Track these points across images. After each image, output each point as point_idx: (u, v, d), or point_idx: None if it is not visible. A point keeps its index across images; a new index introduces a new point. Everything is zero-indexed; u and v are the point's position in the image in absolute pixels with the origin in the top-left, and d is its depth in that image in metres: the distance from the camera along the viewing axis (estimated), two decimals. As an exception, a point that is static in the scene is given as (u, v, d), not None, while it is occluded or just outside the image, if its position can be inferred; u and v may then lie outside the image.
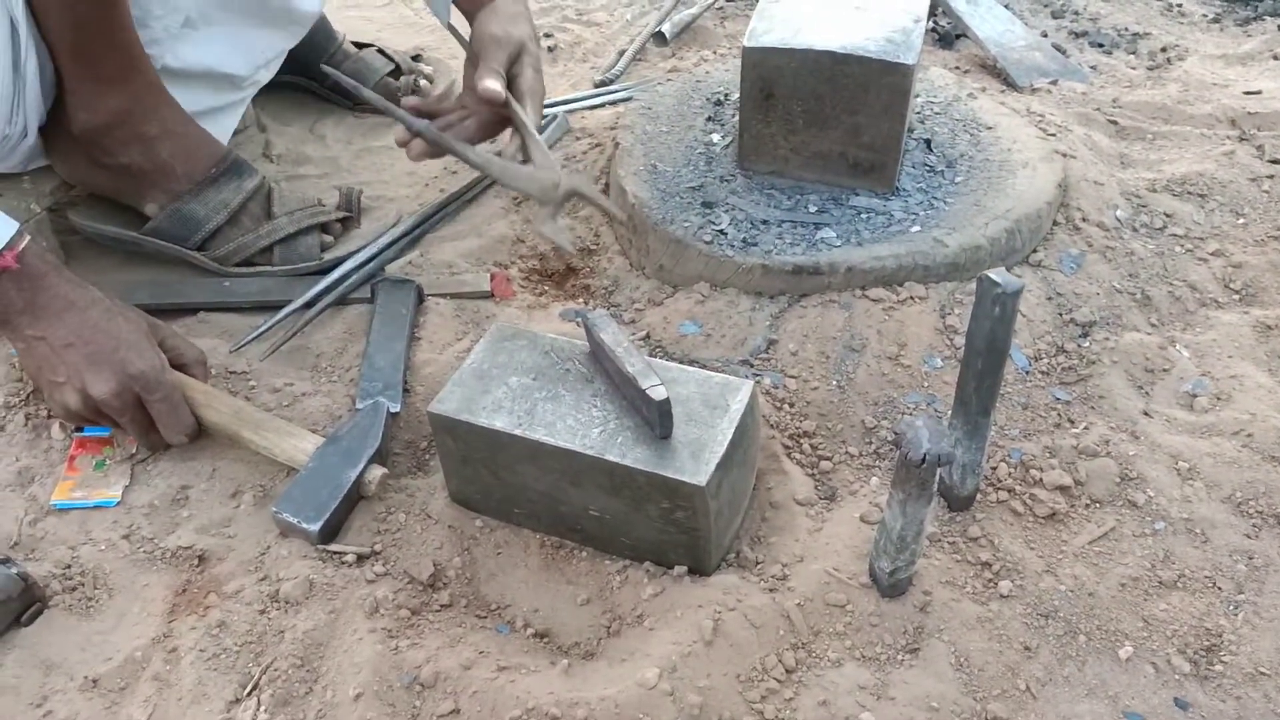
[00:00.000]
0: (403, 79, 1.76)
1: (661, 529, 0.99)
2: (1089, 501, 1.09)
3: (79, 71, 1.25)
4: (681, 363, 1.20)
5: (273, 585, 1.02)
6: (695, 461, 0.95)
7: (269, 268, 1.38)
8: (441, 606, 1.03)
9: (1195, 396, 1.20)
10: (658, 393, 0.95)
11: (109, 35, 1.24)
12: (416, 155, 1.24)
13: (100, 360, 1.09)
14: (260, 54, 1.50)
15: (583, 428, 0.99)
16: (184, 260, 1.38)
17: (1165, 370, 1.23)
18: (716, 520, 0.98)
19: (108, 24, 1.23)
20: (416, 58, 1.85)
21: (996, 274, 0.92)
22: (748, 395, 1.02)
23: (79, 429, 1.18)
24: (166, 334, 1.18)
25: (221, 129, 1.46)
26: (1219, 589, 1.00)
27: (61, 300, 1.10)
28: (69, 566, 1.05)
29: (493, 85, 1.22)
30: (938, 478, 0.88)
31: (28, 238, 1.09)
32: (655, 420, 0.96)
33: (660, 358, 1.23)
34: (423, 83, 1.79)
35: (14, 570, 1.00)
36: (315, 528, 1.05)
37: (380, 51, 1.78)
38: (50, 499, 1.12)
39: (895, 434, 1.16)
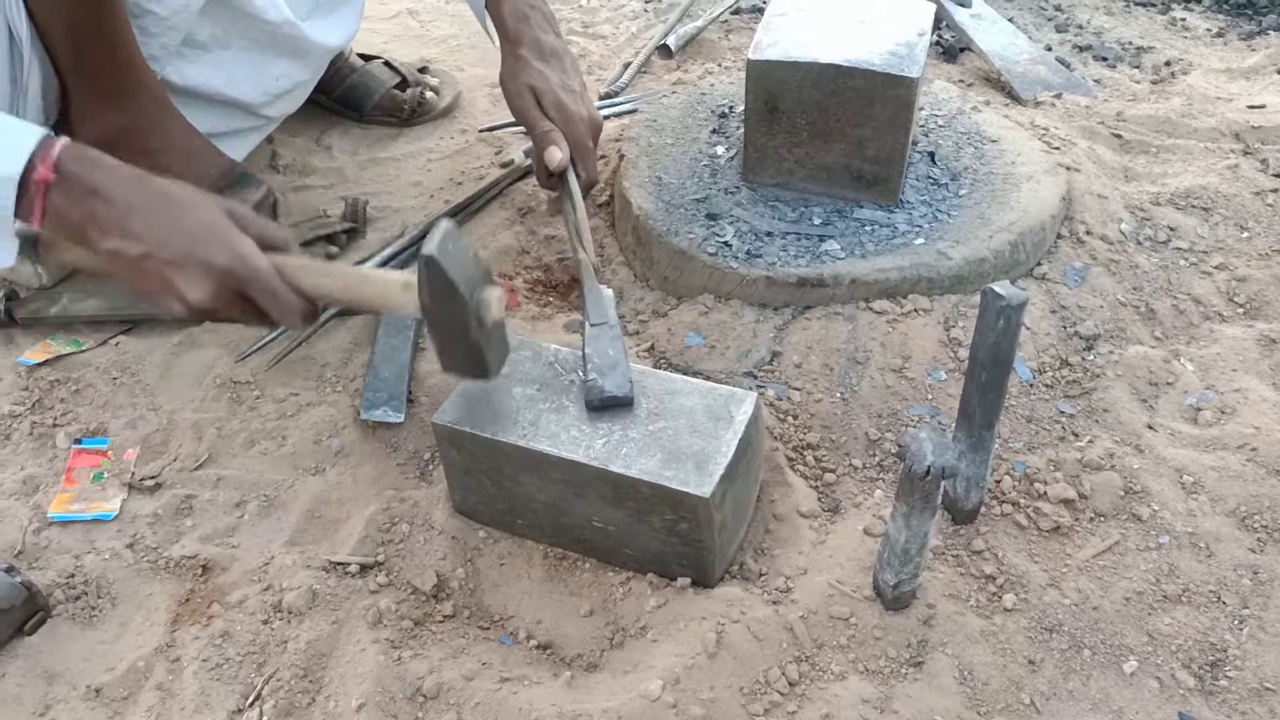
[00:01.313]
0: (409, 91, 1.76)
1: (665, 540, 0.99)
2: (1093, 515, 1.09)
3: (82, 86, 1.26)
4: (685, 374, 1.20)
5: (276, 595, 1.03)
6: (699, 473, 0.95)
7: (274, 278, 1.38)
8: (444, 617, 1.03)
9: (1199, 410, 1.20)
10: (616, 388, 1.02)
11: (110, 50, 1.25)
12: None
13: (184, 264, 0.95)
14: (274, 82, 1.50)
15: (586, 439, 0.99)
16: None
17: (1169, 384, 1.23)
18: (720, 532, 0.98)
19: (108, 39, 1.23)
20: (423, 70, 1.86)
21: (1001, 287, 0.92)
22: (751, 407, 1.02)
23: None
24: (241, 213, 1.02)
25: (234, 154, 1.47)
26: (1224, 603, 1.00)
27: (121, 204, 0.95)
28: (72, 575, 1.06)
29: (556, 157, 1.28)
30: (942, 490, 0.88)
31: (61, 141, 0.94)
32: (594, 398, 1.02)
33: (664, 369, 1.23)
34: (429, 95, 1.79)
35: (17, 579, 1.00)
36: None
37: (387, 64, 1.78)
38: (49, 511, 1.12)
39: (899, 446, 1.16)
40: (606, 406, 1.02)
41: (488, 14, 1.38)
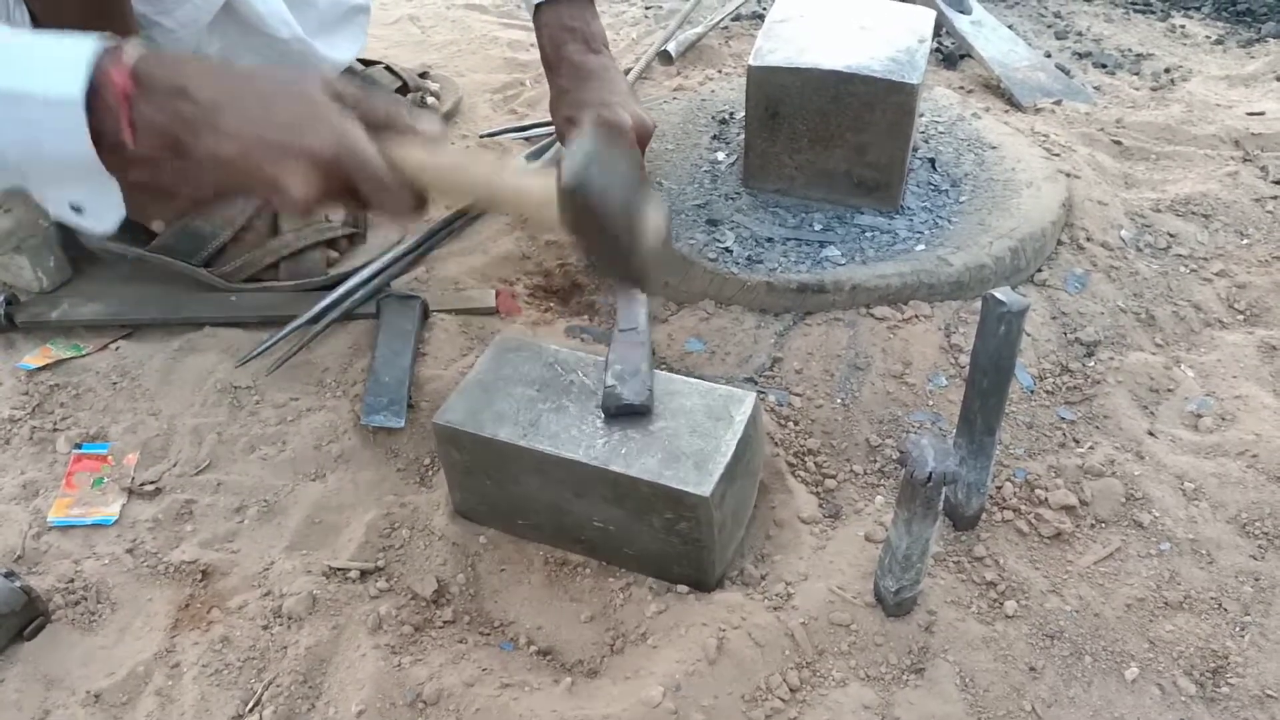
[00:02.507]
0: (410, 96, 1.77)
1: (665, 540, 0.99)
2: (1094, 521, 1.09)
3: None
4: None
5: (276, 600, 1.02)
6: (699, 472, 0.95)
7: (275, 283, 1.38)
8: (445, 623, 1.02)
9: (1200, 417, 1.20)
10: (634, 395, 1.01)
11: None
12: None
13: (285, 157, 0.85)
14: None
15: (587, 438, 0.99)
16: (191, 276, 1.38)
17: (1170, 390, 1.23)
18: (720, 531, 0.98)
19: None
20: (424, 75, 1.86)
21: (1001, 293, 0.92)
22: (750, 407, 1.02)
23: None
24: (344, 90, 0.90)
25: None
26: (1225, 610, 1.00)
27: (208, 100, 0.84)
28: (72, 580, 1.05)
29: None
30: (943, 497, 0.88)
31: (131, 42, 0.84)
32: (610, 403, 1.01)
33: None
34: (429, 100, 1.79)
35: (17, 584, 1.00)
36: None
37: (388, 69, 1.79)
38: (49, 516, 1.12)
39: (900, 452, 1.16)
40: (622, 414, 1.01)
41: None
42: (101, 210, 0.89)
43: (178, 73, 0.84)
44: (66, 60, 0.80)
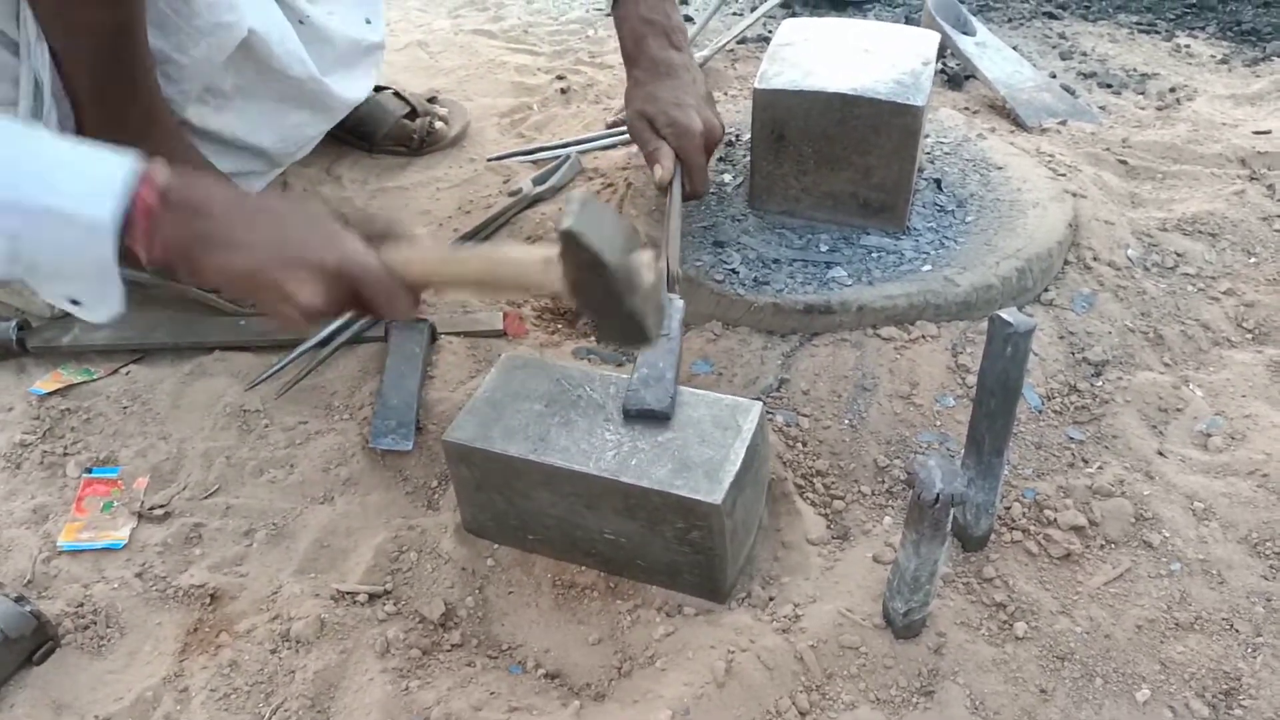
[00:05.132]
0: (419, 121, 1.78)
1: (677, 550, 0.99)
2: (1104, 542, 1.08)
3: (101, 124, 1.27)
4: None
5: (284, 624, 1.02)
6: (710, 481, 0.96)
7: (284, 307, 1.39)
8: (453, 646, 1.02)
9: (1209, 436, 1.20)
10: (658, 401, 1.02)
11: (132, 93, 1.26)
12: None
13: (295, 269, 0.93)
14: (294, 132, 1.52)
15: (596, 451, 1.00)
16: (201, 301, 1.39)
17: (1179, 410, 1.23)
18: (731, 539, 0.98)
19: (131, 83, 1.25)
20: (432, 99, 1.87)
21: (1008, 314, 0.92)
22: (757, 416, 1.03)
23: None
24: (346, 211, 1.01)
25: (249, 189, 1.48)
26: (1237, 631, 0.99)
27: (224, 220, 0.93)
28: (81, 605, 1.06)
29: (658, 174, 1.30)
30: (951, 518, 0.88)
31: (162, 167, 0.91)
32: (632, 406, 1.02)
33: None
34: (438, 124, 1.81)
35: (27, 609, 1.00)
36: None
37: (397, 94, 1.80)
38: (59, 540, 1.12)
39: (908, 474, 1.16)
40: (642, 418, 1.02)
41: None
42: (100, 306, 0.95)
43: (202, 194, 0.93)
44: (102, 181, 0.87)
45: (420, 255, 0.98)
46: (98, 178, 0.88)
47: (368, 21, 1.59)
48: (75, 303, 0.94)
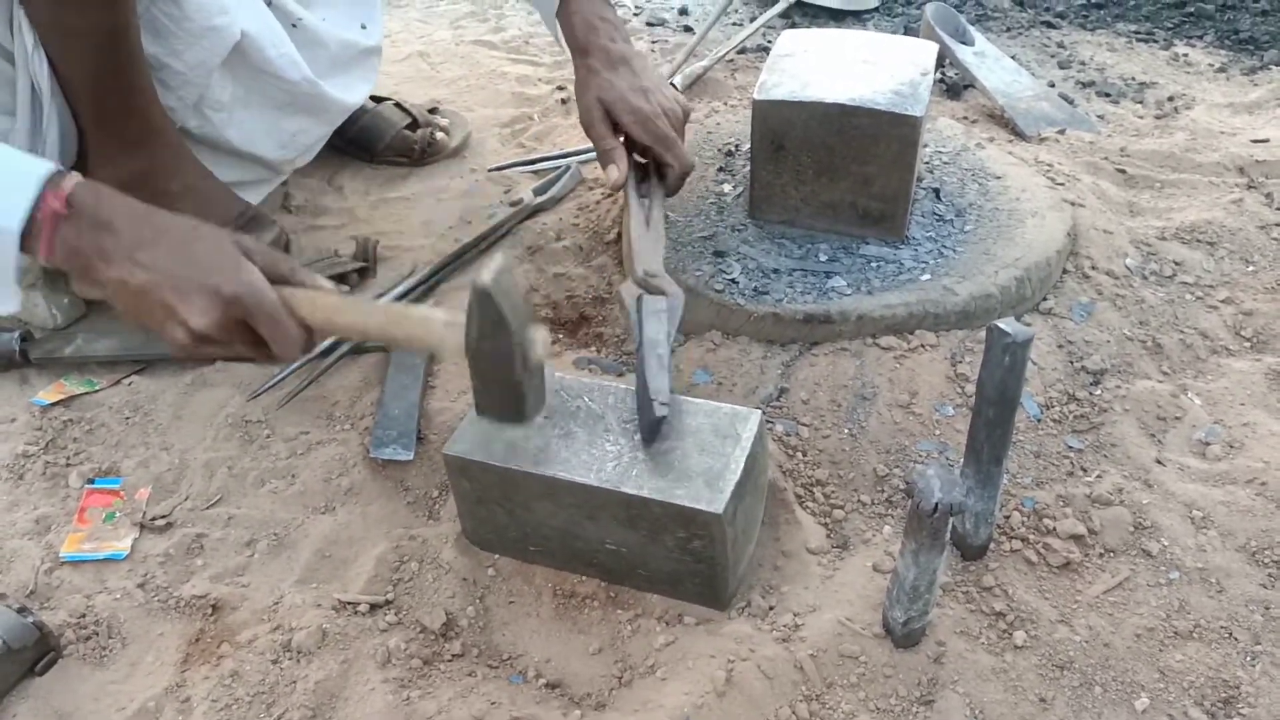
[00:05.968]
0: (420, 132, 1.79)
1: (678, 559, 1.00)
2: (1103, 551, 1.08)
3: (101, 133, 1.28)
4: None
5: (285, 635, 1.03)
6: (710, 490, 0.96)
7: (286, 317, 1.40)
8: (453, 656, 1.03)
9: (1208, 444, 1.20)
10: (659, 409, 1.01)
11: (129, 99, 1.27)
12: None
13: (190, 291, 0.95)
14: (293, 139, 1.53)
15: (597, 462, 1.00)
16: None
17: (1177, 418, 1.23)
18: (732, 548, 0.99)
19: (128, 89, 1.26)
20: (433, 110, 1.88)
21: (1006, 324, 0.92)
22: (756, 424, 1.03)
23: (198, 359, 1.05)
24: (250, 246, 1.02)
25: (249, 199, 1.49)
26: (1235, 639, 0.99)
27: (129, 236, 0.96)
28: (84, 615, 1.06)
29: (612, 176, 1.31)
30: (950, 527, 0.88)
31: (74, 177, 0.95)
32: (644, 427, 1.02)
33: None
34: (439, 135, 1.82)
35: (29, 619, 1.00)
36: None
37: (398, 105, 1.81)
38: (61, 551, 1.13)
39: (907, 484, 1.16)
40: (655, 431, 1.03)
41: (559, 25, 1.41)
42: None
43: (108, 207, 0.96)
44: (12, 189, 0.92)
45: (321, 299, 1.00)
46: (8, 186, 0.92)
47: (363, 26, 1.60)
48: None
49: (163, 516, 1.17)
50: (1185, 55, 2.17)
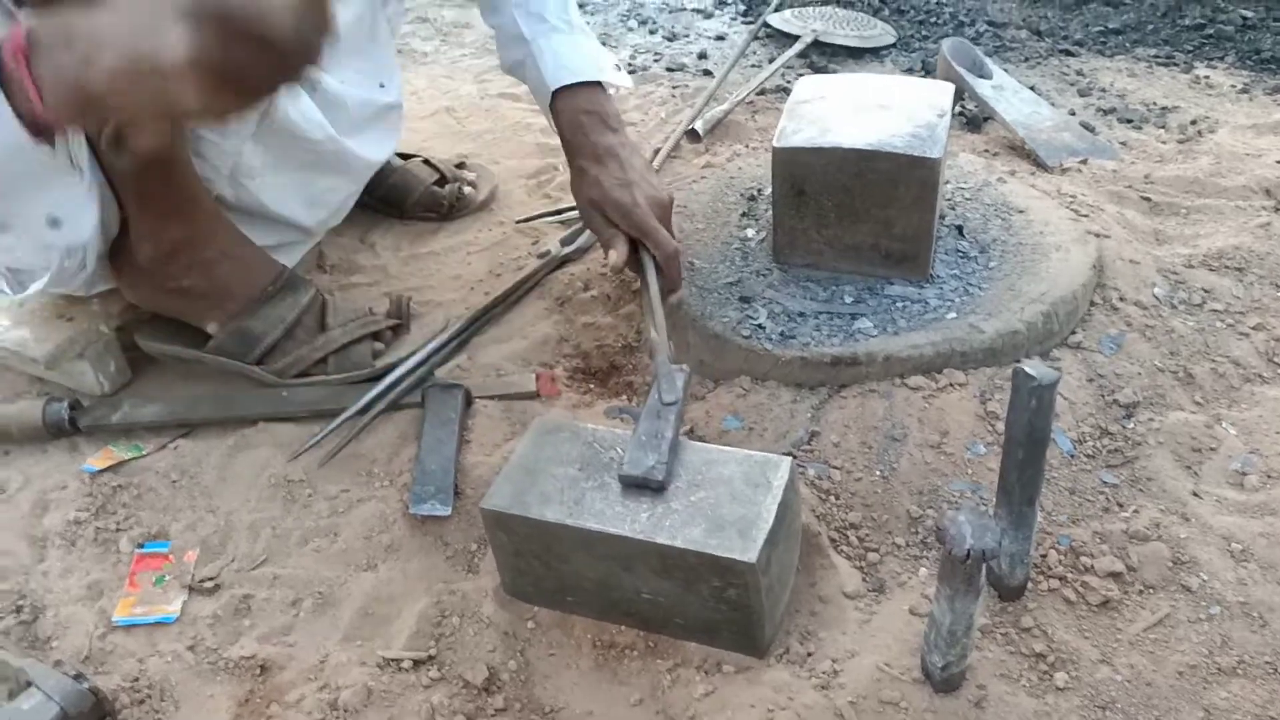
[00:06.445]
0: (448, 187, 1.83)
1: (714, 608, 1.01)
2: (1142, 587, 1.08)
3: (142, 208, 1.32)
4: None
5: (332, 693, 1.05)
6: (743, 539, 0.97)
7: (324, 377, 1.43)
8: (496, 711, 1.04)
9: (1245, 475, 1.19)
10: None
11: (169, 175, 1.31)
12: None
13: (162, 19, 0.83)
14: (323, 198, 1.57)
15: (631, 513, 1.02)
16: (244, 375, 1.43)
17: (1213, 449, 1.23)
18: (768, 595, 1.00)
19: (168, 166, 1.30)
20: (460, 165, 1.92)
21: (1031, 367, 0.93)
22: (787, 471, 1.04)
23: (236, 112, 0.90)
24: None
25: (284, 262, 1.52)
26: (1281, 675, 0.99)
27: (88, 27, 0.86)
28: (137, 679, 1.08)
29: (611, 259, 1.39)
30: (984, 572, 0.88)
31: (23, 20, 0.89)
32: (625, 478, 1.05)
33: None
34: (467, 189, 1.85)
35: (85, 685, 1.03)
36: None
37: (425, 162, 1.85)
38: (114, 615, 1.16)
39: (938, 529, 1.16)
40: (636, 485, 1.05)
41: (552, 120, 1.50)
42: (77, 217, 0.94)
43: (60, 19, 0.87)
44: None
45: None
46: None
47: (381, 85, 1.64)
48: (56, 224, 0.99)
49: (210, 578, 1.19)
50: (1207, 78, 2.17)
